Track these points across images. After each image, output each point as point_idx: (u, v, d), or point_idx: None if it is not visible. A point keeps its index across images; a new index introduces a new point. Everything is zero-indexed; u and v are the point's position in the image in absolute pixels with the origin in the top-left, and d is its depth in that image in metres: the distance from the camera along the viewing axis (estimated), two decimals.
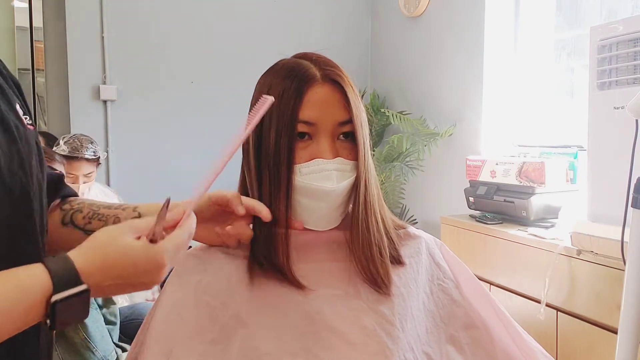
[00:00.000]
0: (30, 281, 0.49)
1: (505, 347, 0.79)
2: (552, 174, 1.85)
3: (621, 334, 1.00)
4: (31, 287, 0.49)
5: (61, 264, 0.51)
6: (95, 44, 2.84)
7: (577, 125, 2.08)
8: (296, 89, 0.71)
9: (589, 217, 1.48)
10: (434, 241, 0.86)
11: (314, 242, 0.77)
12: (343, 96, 0.73)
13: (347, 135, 0.74)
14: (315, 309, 0.72)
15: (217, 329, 0.72)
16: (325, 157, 0.71)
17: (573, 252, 1.52)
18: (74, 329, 1.60)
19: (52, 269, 0.50)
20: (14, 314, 0.48)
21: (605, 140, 1.46)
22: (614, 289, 1.39)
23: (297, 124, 0.71)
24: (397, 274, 0.77)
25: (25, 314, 0.48)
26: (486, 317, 0.80)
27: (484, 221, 1.98)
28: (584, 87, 1.57)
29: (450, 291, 0.81)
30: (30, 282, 0.49)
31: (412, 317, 0.75)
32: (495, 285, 1.84)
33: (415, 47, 3.06)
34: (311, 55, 0.76)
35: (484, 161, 2.09)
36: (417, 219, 2.99)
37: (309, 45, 0.88)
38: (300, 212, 0.74)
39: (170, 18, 3.00)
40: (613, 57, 1.44)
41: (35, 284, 0.49)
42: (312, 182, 0.71)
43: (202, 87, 3.05)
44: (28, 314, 0.49)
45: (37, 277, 0.49)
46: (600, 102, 1.46)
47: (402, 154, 2.84)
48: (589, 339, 1.49)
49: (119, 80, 2.89)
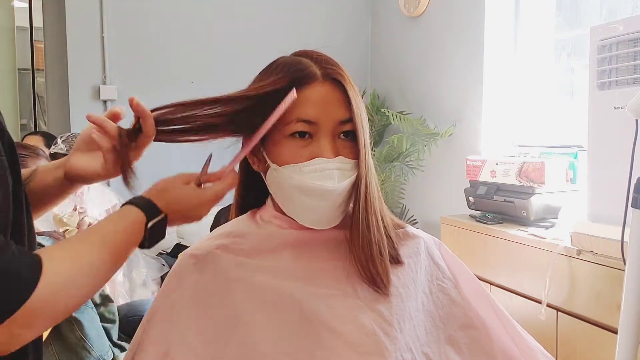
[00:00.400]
0: (128, 211, 0.65)
1: (505, 347, 0.79)
2: (552, 174, 1.85)
3: (621, 334, 1.00)
4: (130, 215, 0.65)
5: (144, 202, 0.66)
6: (95, 44, 2.84)
7: (577, 125, 2.08)
8: (292, 86, 0.71)
9: (589, 217, 1.48)
10: (433, 241, 0.86)
11: (312, 240, 0.77)
12: (344, 95, 0.72)
13: (347, 134, 0.74)
14: (313, 308, 0.71)
15: (214, 329, 0.71)
16: (326, 156, 0.71)
17: (573, 252, 1.52)
18: (69, 327, 1.59)
19: (139, 204, 0.66)
20: (122, 234, 0.63)
21: (605, 140, 1.45)
22: (614, 289, 1.39)
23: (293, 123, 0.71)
24: (396, 274, 0.76)
25: (128, 233, 0.64)
26: (485, 317, 0.80)
27: (484, 221, 1.98)
28: (584, 87, 1.57)
29: (449, 291, 0.80)
30: (129, 212, 0.65)
31: (411, 317, 0.75)
32: (495, 285, 1.84)
33: (415, 47, 3.06)
34: (311, 53, 0.76)
35: (484, 161, 2.09)
36: (417, 219, 2.99)
37: (309, 45, 0.87)
38: (301, 211, 0.74)
39: (171, 18, 3.00)
40: (613, 57, 1.44)
41: (132, 214, 0.65)
42: (313, 181, 0.70)
43: (202, 87, 3.04)
44: (130, 233, 0.64)
45: (132, 210, 0.65)
46: (600, 102, 1.46)
47: (402, 154, 2.84)
48: (589, 339, 1.49)
49: (119, 80, 2.89)
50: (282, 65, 0.74)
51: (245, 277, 0.74)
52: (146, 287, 2.56)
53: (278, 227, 0.78)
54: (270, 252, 0.77)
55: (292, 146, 0.72)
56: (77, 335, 1.59)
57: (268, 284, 0.73)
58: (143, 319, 0.77)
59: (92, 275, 0.60)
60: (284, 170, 0.72)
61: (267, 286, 0.73)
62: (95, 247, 0.61)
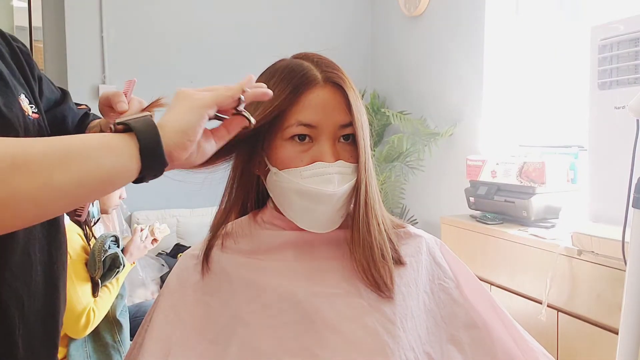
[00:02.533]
0: None
1: (506, 347, 0.78)
2: (553, 174, 1.85)
3: (622, 335, 1.00)
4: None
5: None
6: (95, 44, 2.84)
7: (577, 125, 2.08)
8: (292, 91, 0.71)
9: (590, 217, 1.48)
10: (434, 241, 0.85)
11: (314, 240, 0.77)
12: (344, 98, 0.72)
13: (347, 137, 0.73)
14: (314, 307, 0.71)
15: (216, 329, 0.71)
16: (326, 160, 0.71)
17: (574, 253, 1.52)
18: (109, 329, 1.61)
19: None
20: None
21: (606, 140, 1.45)
22: (614, 289, 1.39)
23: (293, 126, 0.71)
24: (398, 274, 0.76)
25: None
26: (487, 317, 0.80)
27: (485, 221, 1.98)
28: (585, 87, 1.57)
29: (451, 291, 0.80)
30: None
31: (413, 317, 0.74)
32: (496, 285, 1.84)
33: (415, 47, 3.06)
34: (312, 56, 0.76)
35: (485, 161, 2.09)
36: (417, 219, 2.98)
37: (309, 45, 0.87)
38: (301, 214, 0.74)
39: (170, 18, 3.00)
40: (614, 57, 1.43)
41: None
42: (313, 186, 0.70)
43: (202, 87, 3.03)
44: None
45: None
46: (601, 101, 1.46)
47: (402, 154, 2.84)
48: (589, 339, 1.49)
49: (118, 80, 2.89)
50: (282, 69, 0.73)
51: (247, 277, 0.74)
52: (146, 287, 2.56)
53: (279, 228, 0.78)
54: (271, 252, 0.77)
55: (292, 150, 0.72)
56: (115, 338, 1.60)
57: (269, 283, 0.73)
58: (144, 319, 0.77)
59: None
60: (284, 174, 0.72)
61: (268, 286, 0.73)
62: None
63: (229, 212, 0.79)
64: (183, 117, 0.56)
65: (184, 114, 0.56)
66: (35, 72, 0.80)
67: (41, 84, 0.83)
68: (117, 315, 1.64)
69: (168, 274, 0.81)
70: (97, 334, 1.58)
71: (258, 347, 0.69)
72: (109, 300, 1.58)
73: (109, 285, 1.60)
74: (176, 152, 0.55)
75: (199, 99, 0.58)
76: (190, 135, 0.56)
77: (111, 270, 1.58)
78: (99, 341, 1.59)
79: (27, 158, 0.46)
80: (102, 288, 1.58)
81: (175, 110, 0.57)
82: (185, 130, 0.55)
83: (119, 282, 1.64)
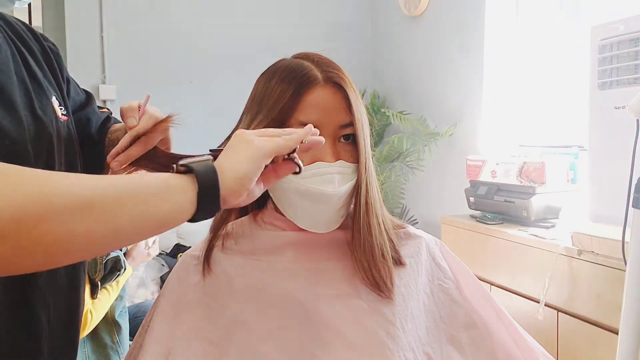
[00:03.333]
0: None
1: (506, 347, 0.78)
2: (553, 174, 1.85)
3: (622, 335, 1.00)
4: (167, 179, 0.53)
5: None
6: (95, 44, 2.84)
7: (577, 125, 2.08)
8: (294, 92, 0.71)
9: (590, 217, 1.48)
10: (434, 241, 0.85)
11: (314, 241, 0.77)
12: (345, 99, 0.72)
13: (348, 137, 0.74)
14: (315, 309, 0.71)
15: (216, 330, 0.71)
16: (326, 160, 0.71)
17: (574, 253, 1.52)
18: (108, 330, 1.60)
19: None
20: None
21: (606, 140, 1.45)
22: (614, 290, 1.39)
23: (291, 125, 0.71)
24: (398, 274, 0.76)
25: None
26: (487, 317, 0.80)
27: (485, 221, 1.98)
28: (585, 87, 1.57)
29: (451, 291, 0.80)
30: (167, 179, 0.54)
31: (413, 317, 0.74)
32: (496, 285, 1.84)
33: (415, 47, 3.06)
34: (312, 56, 0.75)
35: (485, 161, 2.09)
36: (417, 219, 2.98)
37: (309, 45, 0.87)
38: (301, 214, 0.74)
39: (170, 18, 3.00)
40: (614, 57, 1.44)
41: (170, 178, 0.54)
42: (314, 186, 0.70)
43: (202, 87, 3.04)
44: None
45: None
46: (601, 101, 1.46)
47: (402, 154, 2.84)
48: (589, 339, 1.49)
49: (118, 80, 2.89)
50: (283, 69, 0.73)
51: (247, 278, 0.74)
52: (146, 287, 2.56)
53: (279, 228, 0.78)
54: (271, 253, 0.77)
55: None
56: (114, 339, 1.60)
57: (270, 285, 0.73)
58: (144, 320, 0.77)
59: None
60: None
61: (268, 287, 0.73)
62: None
63: (229, 212, 0.79)
64: (242, 166, 0.55)
65: (244, 162, 0.56)
66: (65, 73, 0.81)
67: (69, 85, 0.83)
68: (116, 317, 1.64)
69: (168, 274, 0.81)
70: (95, 335, 1.58)
71: (258, 348, 0.69)
72: (107, 303, 1.58)
73: (109, 287, 1.60)
74: (231, 198, 0.55)
75: (260, 149, 0.57)
76: (247, 185, 0.56)
77: (112, 273, 1.58)
78: (98, 342, 1.59)
79: (96, 201, 0.45)
80: (102, 290, 1.57)
81: (235, 157, 0.56)
82: (242, 179, 0.55)
83: (119, 285, 1.64)
